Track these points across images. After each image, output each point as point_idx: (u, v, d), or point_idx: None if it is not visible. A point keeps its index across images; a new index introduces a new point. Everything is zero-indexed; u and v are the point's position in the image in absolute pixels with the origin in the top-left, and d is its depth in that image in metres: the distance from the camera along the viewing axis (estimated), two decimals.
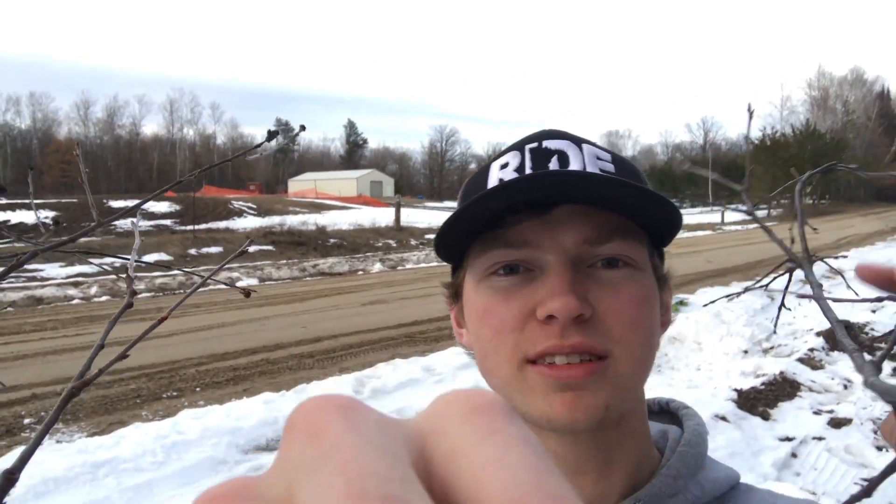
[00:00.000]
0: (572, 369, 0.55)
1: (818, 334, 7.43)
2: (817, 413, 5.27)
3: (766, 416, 5.20)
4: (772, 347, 7.43)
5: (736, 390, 5.62)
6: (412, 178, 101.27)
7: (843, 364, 6.59)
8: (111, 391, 6.68)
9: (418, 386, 6.09)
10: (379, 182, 77.76)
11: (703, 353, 7.29)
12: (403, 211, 28.12)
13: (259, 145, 0.46)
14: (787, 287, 1.09)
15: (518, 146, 0.64)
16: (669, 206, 0.58)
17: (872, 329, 7.56)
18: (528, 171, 0.60)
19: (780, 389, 5.78)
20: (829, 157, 57.05)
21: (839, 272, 0.76)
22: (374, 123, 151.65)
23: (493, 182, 0.62)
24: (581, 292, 0.55)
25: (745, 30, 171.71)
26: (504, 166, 0.62)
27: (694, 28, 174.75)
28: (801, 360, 6.65)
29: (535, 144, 0.62)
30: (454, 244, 0.62)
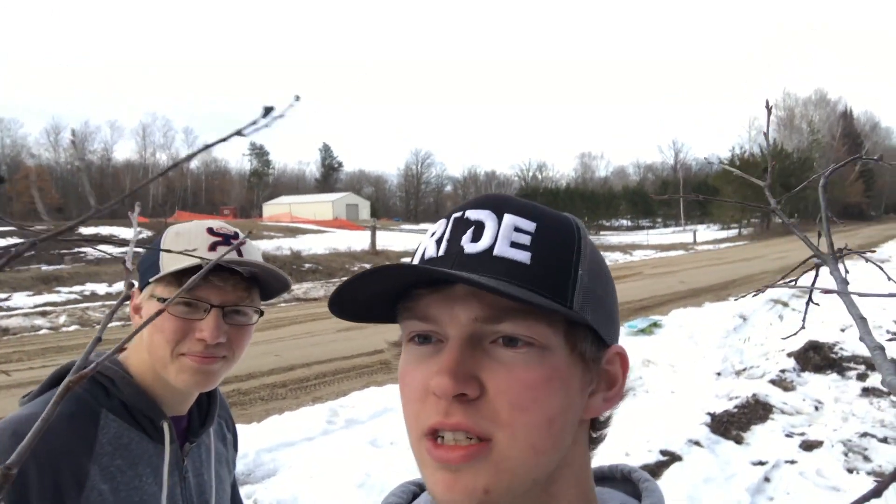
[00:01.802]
0: (450, 451, 0.56)
1: (789, 355, 7.51)
2: (789, 436, 5.31)
3: (739, 440, 5.22)
4: (744, 369, 7.49)
5: (709, 414, 5.65)
6: (388, 201, 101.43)
7: (813, 385, 6.67)
8: None
9: (392, 414, 6.02)
10: (355, 205, 77.72)
11: (677, 375, 7.33)
12: (379, 234, 28.06)
13: (254, 122, 0.45)
14: (813, 283, 1.09)
15: (449, 214, 0.66)
16: (538, 300, 0.57)
17: (842, 349, 7.66)
18: (444, 241, 0.63)
19: (753, 412, 5.82)
20: (797, 175, 58.34)
21: (878, 264, 0.75)
22: (350, 147, 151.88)
23: (420, 248, 0.65)
24: (468, 371, 0.57)
25: (713, 54, 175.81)
26: (433, 234, 0.65)
27: (664, 52, 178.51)
28: (772, 382, 6.71)
29: (459, 214, 0.64)
30: (368, 306, 0.65)
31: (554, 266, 0.60)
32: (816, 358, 7.30)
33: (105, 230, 34.05)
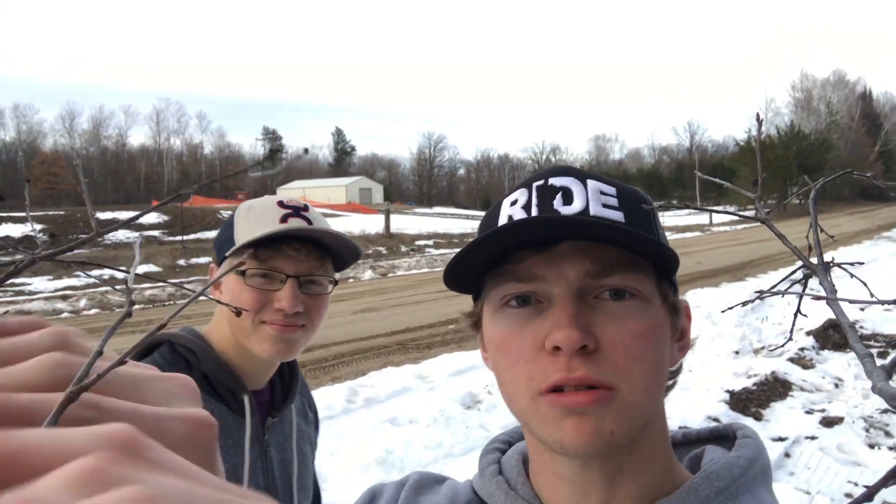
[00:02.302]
0: (579, 396, 0.57)
1: (808, 333, 7.48)
2: (809, 412, 5.30)
3: (758, 417, 5.22)
4: (762, 347, 7.47)
5: (728, 391, 5.65)
6: (401, 185, 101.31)
7: (833, 363, 6.64)
8: None
9: (411, 394, 6.08)
10: (368, 189, 77.74)
11: (695, 354, 7.31)
12: (393, 217, 28.12)
13: (259, 163, 0.46)
14: (802, 293, 1.10)
15: (526, 183, 0.68)
16: (656, 245, 0.61)
17: (862, 327, 7.61)
18: (534, 207, 0.65)
19: (772, 389, 5.82)
20: (814, 157, 57.61)
21: (861, 280, 0.76)
22: (363, 131, 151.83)
23: (503, 217, 0.67)
24: (584, 324, 0.58)
25: (729, 33, 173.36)
26: (514, 203, 0.67)
27: (679, 33, 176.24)
28: (791, 360, 6.69)
29: (541, 182, 0.67)
30: (469, 276, 0.67)
31: (643, 224, 0.66)
32: (836, 336, 7.26)
33: (122, 215, 34.35)
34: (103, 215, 34.72)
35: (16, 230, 29.81)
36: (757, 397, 5.60)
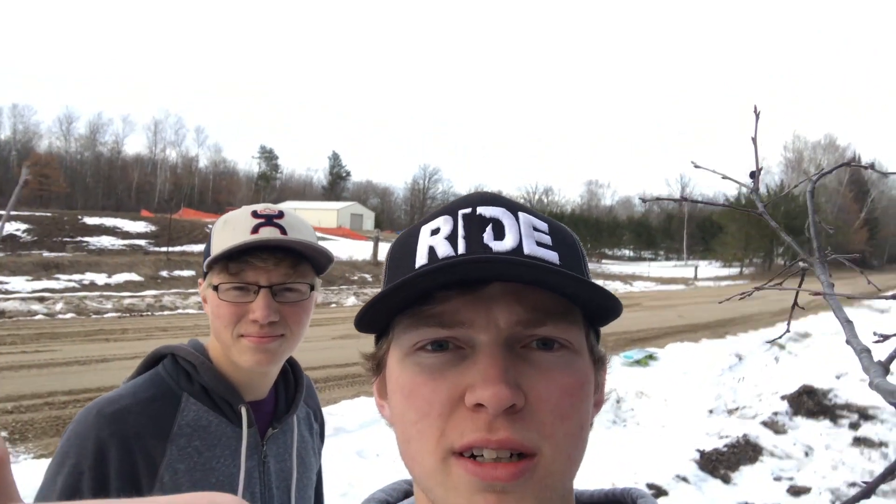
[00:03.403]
0: (498, 468, 0.51)
1: (783, 398, 7.49)
2: (777, 479, 5.28)
3: (726, 480, 5.19)
4: (737, 408, 7.46)
5: (699, 451, 5.62)
6: (393, 214, 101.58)
7: (805, 430, 6.63)
8: (65, 412, 6.49)
9: (380, 426, 6.00)
10: (360, 215, 77.84)
11: (669, 409, 7.30)
12: (382, 245, 28.09)
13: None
14: (799, 287, 1.09)
15: (450, 210, 0.61)
16: (608, 295, 0.55)
17: (836, 395, 7.63)
18: (460, 239, 0.57)
19: (743, 452, 5.80)
20: (801, 218, 58.29)
21: (861, 270, 0.75)
22: (359, 157, 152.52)
23: (422, 248, 0.59)
24: (513, 378, 0.52)
25: (722, 91, 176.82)
26: (435, 232, 0.59)
27: (673, 85, 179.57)
28: (764, 424, 6.68)
29: (468, 210, 0.60)
30: (380, 317, 0.59)
31: (577, 266, 0.60)
32: (810, 403, 7.27)
33: (109, 221, 34.12)
34: (90, 220, 34.45)
35: None
36: (727, 459, 5.58)
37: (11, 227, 29.80)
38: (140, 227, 31.09)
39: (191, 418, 1.20)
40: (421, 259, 0.58)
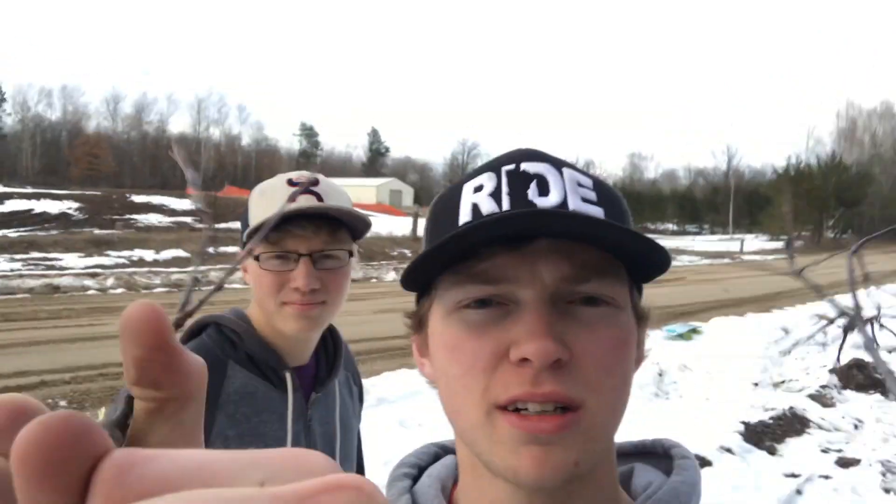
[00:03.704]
0: (543, 421, 0.51)
1: (831, 371, 7.32)
2: (825, 451, 5.18)
3: (772, 451, 5.12)
4: (783, 381, 7.33)
5: (744, 423, 5.55)
6: (432, 189, 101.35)
7: (854, 403, 6.48)
8: (118, 382, 6.72)
9: (422, 397, 6.07)
10: (399, 191, 78.05)
11: (713, 382, 7.21)
12: (421, 221, 28.15)
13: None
14: (842, 345, 1.09)
15: (493, 167, 0.60)
16: (657, 247, 0.54)
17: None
18: (504, 196, 0.57)
19: (789, 425, 5.70)
20: (853, 191, 56.33)
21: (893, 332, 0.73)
22: (398, 133, 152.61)
23: (465, 206, 0.59)
24: (559, 333, 0.52)
25: (774, 58, 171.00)
26: (478, 189, 0.59)
27: (721, 54, 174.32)
28: (811, 397, 6.55)
29: (511, 167, 0.59)
30: (427, 275, 0.59)
31: (623, 223, 0.60)
32: (860, 376, 7.09)
33: (156, 199, 34.96)
34: (138, 198, 35.34)
35: (53, 207, 30.49)
36: (773, 431, 5.50)
37: (64, 206, 30.78)
38: (185, 204, 31.75)
39: (238, 385, 1.23)
40: (465, 216, 0.58)
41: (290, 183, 1.25)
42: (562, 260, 0.54)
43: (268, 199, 1.24)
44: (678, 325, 10.34)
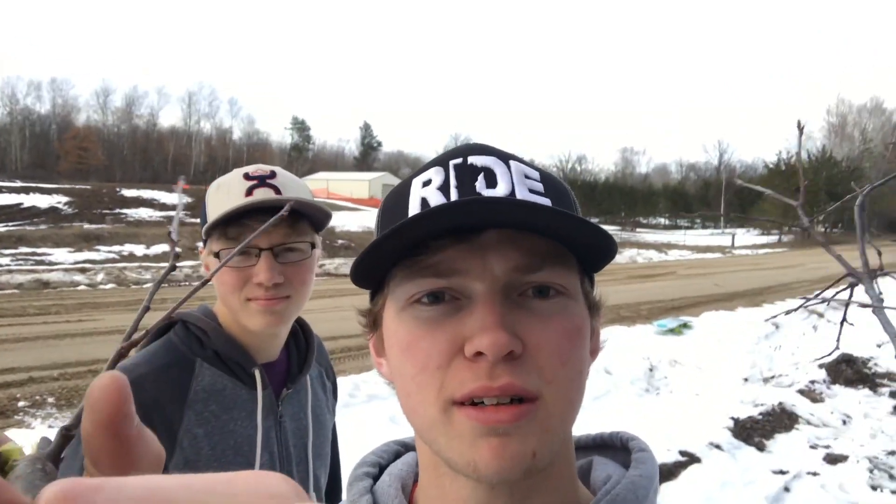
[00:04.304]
0: (500, 412, 0.51)
1: (821, 366, 7.36)
2: (814, 447, 5.21)
3: (761, 447, 5.15)
4: (772, 377, 7.37)
5: (733, 418, 5.58)
6: None
7: (843, 399, 6.53)
8: None
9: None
10: (391, 185, 75.29)
11: (703, 377, 7.24)
12: None
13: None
14: (848, 301, 1.07)
15: (441, 161, 0.60)
16: (603, 233, 0.54)
17: (876, 364, 7.48)
18: (452, 189, 0.57)
19: (778, 421, 5.73)
20: (844, 185, 56.59)
21: None
22: (390, 127, 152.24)
23: (414, 201, 0.59)
24: (511, 325, 0.52)
25: (764, 55, 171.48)
26: (426, 183, 0.59)
27: (713, 51, 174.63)
28: (801, 392, 6.59)
29: (459, 160, 0.59)
30: (375, 270, 0.59)
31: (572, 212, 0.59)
32: (849, 371, 7.14)
33: (147, 193, 34.76)
34: (129, 192, 35.14)
35: (42, 201, 30.27)
36: (762, 427, 5.53)
37: (53, 200, 30.56)
38: (176, 198, 31.64)
39: (206, 383, 1.22)
40: (414, 210, 0.58)
41: (247, 177, 1.22)
42: (512, 250, 0.54)
43: (224, 194, 1.21)
44: (669, 320, 10.38)
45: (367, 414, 5.43)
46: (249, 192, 1.20)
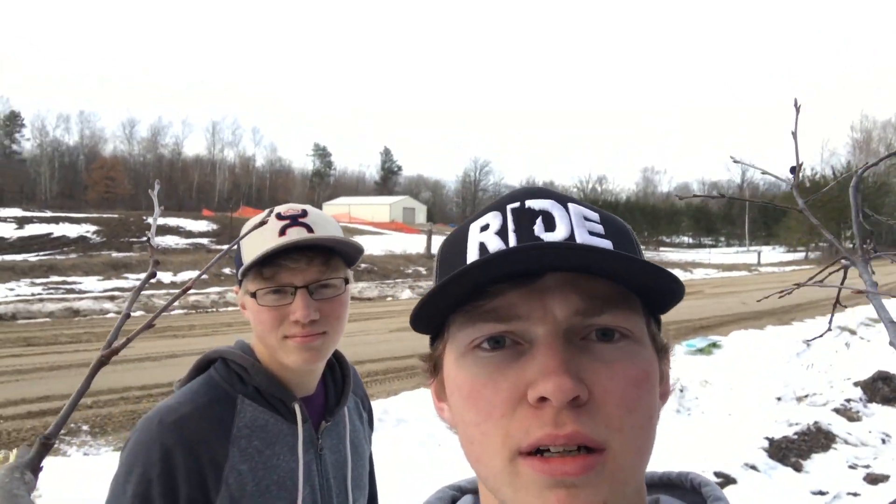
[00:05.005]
0: (567, 463, 0.49)
1: (856, 384, 7.21)
2: (853, 467, 5.09)
3: (798, 468, 5.04)
4: (806, 395, 7.22)
5: (768, 438, 5.47)
6: (445, 206, 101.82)
7: (881, 417, 6.38)
8: (140, 406, 6.76)
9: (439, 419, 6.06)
10: (412, 209, 78.29)
11: (735, 397, 7.12)
12: (435, 238, 28.19)
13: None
14: (842, 282, 1.05)
15: (499, 206, 0.60)
16: (667, 275, 0.53)
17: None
18: (510, 233, 0.57)
19: (814, 440, 5.61)
20: (870, 201, 55.75)
21: None
22: (410, 152, 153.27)
23: (472, 245, 0.58)
24: (575, 370, 0.50)
25: (788, 71, 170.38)
26: (484, 228, 0.58)
27: (735, 67, 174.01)
28: (836, 411, 6.45)
29: (517, 204, 0.59)
30: (436, 316, 0.58)
31: (633, 254, 0.58)
32: (885, 389, 6.98)
33: (172, 221, 35.28)
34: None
35: (72, 230, 30.86)
36: (798, 447, 5.41)
37: (82, 229, 31.14)
38: (202, 226, 32.06)
39: (248, 419, 1.24)
40: (472, 256, 0.58)
41: (279, 217, 1.25)
42: (572, 293, 0.53)
43: (256, 234, 1.24)
44: (697, 340, 10.25)
45: (397, 437, 5.41)
46: (282, 231, 1.22)
